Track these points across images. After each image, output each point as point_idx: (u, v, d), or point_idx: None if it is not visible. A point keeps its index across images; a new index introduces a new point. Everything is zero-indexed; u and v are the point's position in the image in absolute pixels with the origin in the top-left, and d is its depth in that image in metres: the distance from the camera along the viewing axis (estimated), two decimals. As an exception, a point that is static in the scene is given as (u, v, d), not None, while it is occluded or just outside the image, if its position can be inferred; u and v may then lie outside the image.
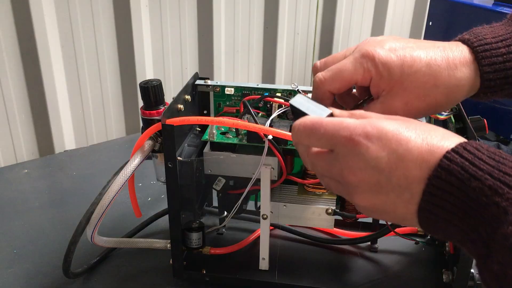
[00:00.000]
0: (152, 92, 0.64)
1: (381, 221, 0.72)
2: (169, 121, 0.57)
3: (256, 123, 0.58)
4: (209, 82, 0.69)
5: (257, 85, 0.67)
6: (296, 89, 0.63)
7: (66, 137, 1.15)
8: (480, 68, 0.46)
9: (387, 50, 0.46)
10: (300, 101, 0.47)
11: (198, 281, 0.68)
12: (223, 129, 0.63)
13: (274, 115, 0.60)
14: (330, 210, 0.62)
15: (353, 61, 0.47)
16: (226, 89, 0.68)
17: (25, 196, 0.90)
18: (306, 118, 0.43)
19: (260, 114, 0.65)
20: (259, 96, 0.65)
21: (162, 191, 0.85)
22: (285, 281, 0.67)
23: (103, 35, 1.12)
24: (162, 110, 0.64)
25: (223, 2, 1.27)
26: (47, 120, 1.11)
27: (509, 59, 0.46)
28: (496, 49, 0.46)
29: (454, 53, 0.46)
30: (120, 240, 0.70)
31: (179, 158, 0.60)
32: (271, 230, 0.67)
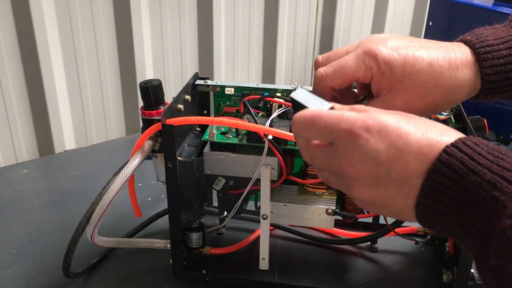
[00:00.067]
0: (152, 92, 0.64)
1: (381, 221, 0.72)
2: (169, 121, 0.57)
3: (256, 123, 0.58)
4: (209, 82, 0.69)
5: (257, 85, 0.67)
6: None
7: (66, 137, 1.15)
8: (481, 69, 0.46)
9: (389, 48, 0.46)
10: (301, 94, 0.46)
11: (198, 281, 0.68)
12: (223, 129, 0.63)
13: (274, 115, 0.60)
14: (330, 210, 0.62)
15: (355, 58, 0.47)
16: (226, 89, 0.68)
17: (25, 196, 0.90)
18: (306, 111, 0.42)
19: (260, 114, 0.65)
20: (259, 96, 0.65)
21: (162, 191, 0.85)
22: (285, 281, 0.67)
23: (103, 35, 1.12)
24: (162, 110, 0.64)
25: (223, 2, 1.27)
26: (47, 120, 1.11)
27: (510, 61, 0.46)
28: (497, 51, 0.46)
29: (456, 54, 0.46)
30: (120, 240, 0.70)
31: (179, 158, 0.60)
32: (271, 230, 0.67)
